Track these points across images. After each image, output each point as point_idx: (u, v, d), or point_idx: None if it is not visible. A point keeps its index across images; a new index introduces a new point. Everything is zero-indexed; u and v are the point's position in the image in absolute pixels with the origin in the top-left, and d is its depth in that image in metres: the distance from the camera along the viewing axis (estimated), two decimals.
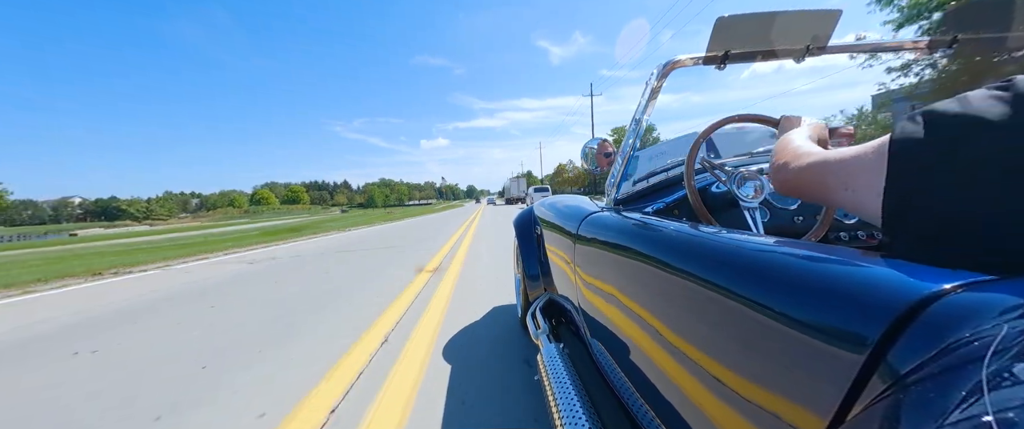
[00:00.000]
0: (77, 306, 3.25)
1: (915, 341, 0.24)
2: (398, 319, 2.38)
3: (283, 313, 2.62)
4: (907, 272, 0.28)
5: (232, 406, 1.44)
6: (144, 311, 2.94)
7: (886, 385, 0.24)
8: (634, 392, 0.73)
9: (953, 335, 0.22)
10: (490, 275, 3.57)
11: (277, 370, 1.73)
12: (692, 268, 0.49)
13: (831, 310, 0.30)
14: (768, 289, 0.37)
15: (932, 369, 0.21)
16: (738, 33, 0.89)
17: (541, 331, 1.30)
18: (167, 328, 2.47)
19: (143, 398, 1.54)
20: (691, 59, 0.98)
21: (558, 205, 1.46)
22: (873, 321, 0.26)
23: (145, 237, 17.18)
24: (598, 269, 0.89)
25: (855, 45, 1.00)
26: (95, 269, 5.30)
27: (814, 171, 0.46)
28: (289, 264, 5.03)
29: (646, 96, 1.03)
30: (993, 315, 0.22)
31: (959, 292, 0.24)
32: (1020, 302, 0.22)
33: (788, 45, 0.92)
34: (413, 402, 1.41)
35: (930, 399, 0.19)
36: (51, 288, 4.18)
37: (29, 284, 4.41)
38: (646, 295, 0.64)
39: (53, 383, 1.74)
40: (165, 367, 1.84)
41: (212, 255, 6.53)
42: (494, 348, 1.87)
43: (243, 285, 3.77)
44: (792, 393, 0.33)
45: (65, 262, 6.62)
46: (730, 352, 0.41)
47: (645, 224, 0.73)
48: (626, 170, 1.14)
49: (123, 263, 5.81)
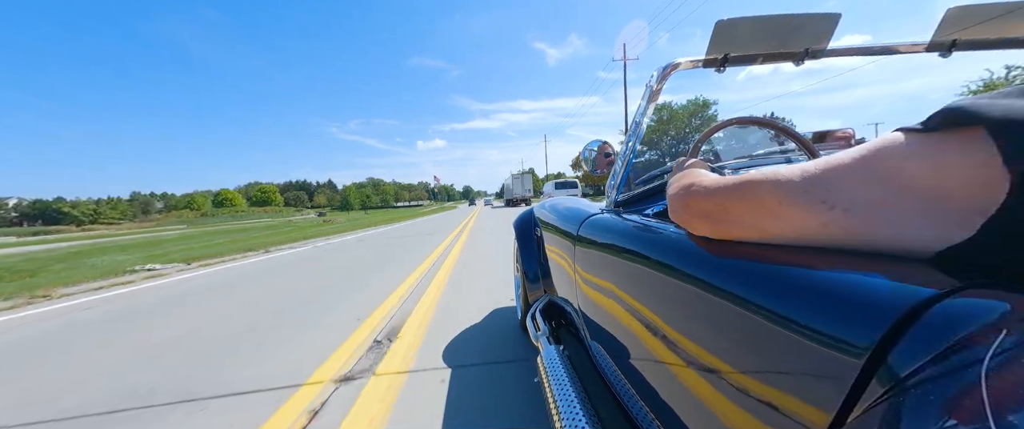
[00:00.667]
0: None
1: (915, 344, 0.24)
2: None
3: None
4: (907, 275, 0.28)
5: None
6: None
7: (886, 388, 0.24)
8: (634, 394, 0.73)
9: (952, 338, 0.22)
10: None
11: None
12: (692, 270, 0.49)
13: (831, 313, 0.30)
14: (768, 292, 0.37)
15: (931, 372, 0.21)
16: (737, 36, 0.89)
17: (541, 333, 1.30)
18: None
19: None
20: (690, 62, 0.99)
21: (559, 207, 1.46)
22: (873, 324, 0.26)
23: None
24: (598, 271, 0.89)
25: (854, 48, 1.00)
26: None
27: (759, 189, 0.38)
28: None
29: (646, 98, 1.03)
30: (992, 319, 0.22)
31: (958, 296, 0.24)
32: (1018, 306, 0.22)
33: (787, 48, 0.92)
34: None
35: (929, 402, 0.19)
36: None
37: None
38: (646, 297, 0.64)
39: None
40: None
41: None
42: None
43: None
44: (793, 395, 0.33)
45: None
46: (730, 354, 0.41)
47: (646, 226, 0.73)
48: (626, 172, 1.14)
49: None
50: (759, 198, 0.38)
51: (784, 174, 0.36)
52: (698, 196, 0.47)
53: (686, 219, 0.50)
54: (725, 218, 0.43)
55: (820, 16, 0.87)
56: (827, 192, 0.33)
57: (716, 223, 0.45)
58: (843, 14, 0.88)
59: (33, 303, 3.92)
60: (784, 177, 0.36)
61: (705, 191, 0.46)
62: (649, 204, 1.16)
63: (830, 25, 0.88)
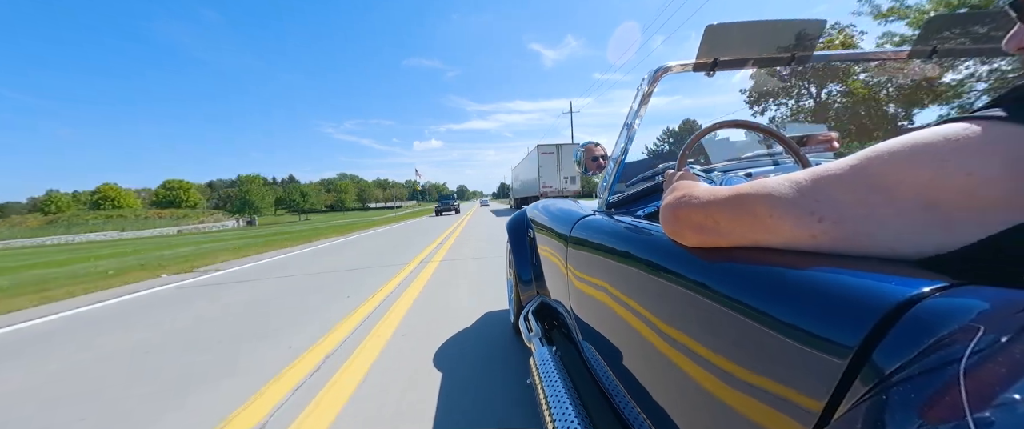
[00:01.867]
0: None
1: (897, 342, 0.25)
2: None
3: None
4: (890, 275, 0.29)
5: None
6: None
7: (870, 385, 0.24)
8: (626, 395, 0.73)
9: (932, 337, 0.23)
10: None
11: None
12: (683, 272, 0.50)
13: (818, 313, 0.31)
14: (756, 293, 0.37)
15: (913, 369, 0.22)
16: (727, 41, 0.91)
17: (534, 334, 1.30)
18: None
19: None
20: (681, 66, 1.00)
21: (551, 208, 1.47)
22: (857, 324, 0.27)
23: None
24: (591, 272, 0.90)
25: (838, 54, 1.03)
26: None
27: (749, 202, 0.38)
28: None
29: (637, 101, 1.05)
30: (970, 318, 0.23)
31: (938, 296, 0.25)
32: (995, 305, 0.23)
33: (775, 53, 0.94)
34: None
35: (911, 398, 0.20)
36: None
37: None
38: (638, 298, 0.64)
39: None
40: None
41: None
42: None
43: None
44: (782, 394, 0.33)
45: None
46: (720, 354, 0.42)
47: (637, 228, 0.73)
48: (618, 174, 1.15)
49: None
50: (749, 211, 0.39)
51: (774, 186, 0.37)
52: (689, 208, 0.47)
53: (677, 231, 0.50)
54: (715, 230, 0.44)
55: (806, 22, 0.89)
56: (817, 203, 0.33)
57: (707, 235, 0.45)
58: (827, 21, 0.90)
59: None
60: (774, 190, 0.37)
61: (696, 203, 0.46)
62: (641, 206, 1.17)
63: (816, 31, 0.90)
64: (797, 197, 0.35)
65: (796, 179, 0.35)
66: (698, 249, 0.49)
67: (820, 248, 0.34)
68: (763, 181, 0.38)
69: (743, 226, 0.40)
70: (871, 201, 0.31)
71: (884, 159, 0.31)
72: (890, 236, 0.31)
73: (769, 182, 0.38)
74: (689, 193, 0.48)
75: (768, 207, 0.37)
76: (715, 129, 1.02)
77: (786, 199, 0.35)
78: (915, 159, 0.29)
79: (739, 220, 0.40)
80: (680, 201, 0.49)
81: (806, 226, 0.34)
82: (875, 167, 0.31)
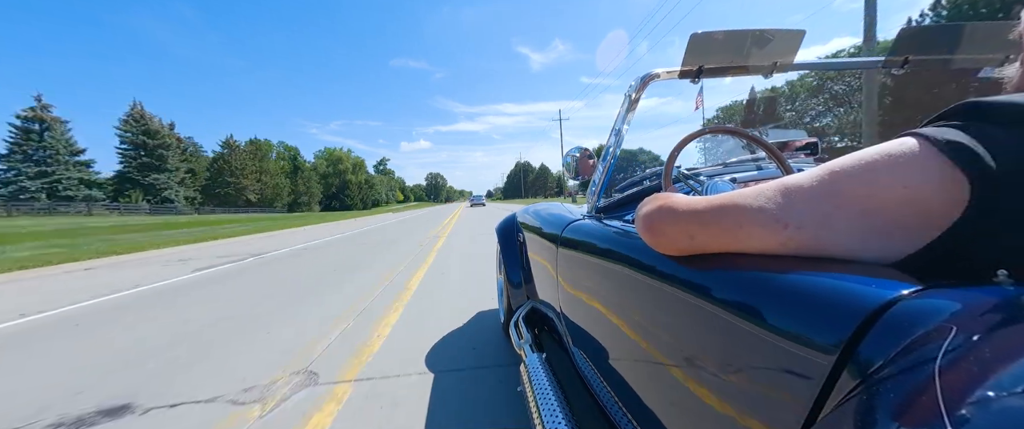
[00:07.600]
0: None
1: (878, 342, 0.26)
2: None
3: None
4: (871, 278, 0.30)
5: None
6: None
7: (854, 384, 0.25)
8: (615, 399, 0.74)
9: (910, 337, 0.24)
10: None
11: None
12: (671, 275, 0.51)
13: (803, 315, 0.32)
14: (743, 295, 0.38)
15: (893, 368, 0.23)
16: (711, 49, 0.93)
17: (524, 341, 1.30)
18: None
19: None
20: (667, 72, 1.02)
21: (541, 212, 1.47)
22: (841, 325, 0.28)
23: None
24: (580, 276, 0.91)
25: (817, 63, 1.06)
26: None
27: (720, 214, 0.41)
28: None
29: (625, 106, 1.06)
30: (944, 317, 0.24)
31: (915, 297, 0.26)
32: (968, 306, 0.24)
33: (757, 61, 0.97)
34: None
35: (891, 396, 0.21)
36: None
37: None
38: (626, 302, 0.65)
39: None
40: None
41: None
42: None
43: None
44: (769, 396, 0.34)
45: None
46: (709, 357, 0.43)
47: (626, 232, 0.74)
48: (607, 179, 1.16)
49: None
50: (719, 223, 0.41)
51: (741, 198, 0.40)
52: (661, 222, 0.48)
53: (652, 240, 0.51)
54: (689, 241, 0.45)
55: (787, 32, 0.92)
56: (783, 211, 0.36)
57: (681, 245, 0.47)
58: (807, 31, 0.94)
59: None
60: (741, 201, 0.39)
61: (670, 214, 0.47)
62: (629, 210, 1.19)
63: (796, 41, 0.93)
64: (765, 206, 0.37)
65: (763, 190, 0.38)
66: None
67: (790, 253, 0.37)
68: (731, 194, 0.41)
69: (716, 238, 0.42)
70: (824, 210, 0.34)
71: (836, 172, 0.34)
72: (845, 241, 0.34)
73: (736, 195, 0.40)
74: (665, 203, 0.49)
75: (736, 217, 0.39)
76: (698, 136, 1.04)
77: (754, 209, 0.38)
78: (856, 172, 0.33)
79: (709, 231, 0.43)
80: (658, 211, 0.50)
81: (774, 233, 0.37)
82: (829, 178, 0.34)
